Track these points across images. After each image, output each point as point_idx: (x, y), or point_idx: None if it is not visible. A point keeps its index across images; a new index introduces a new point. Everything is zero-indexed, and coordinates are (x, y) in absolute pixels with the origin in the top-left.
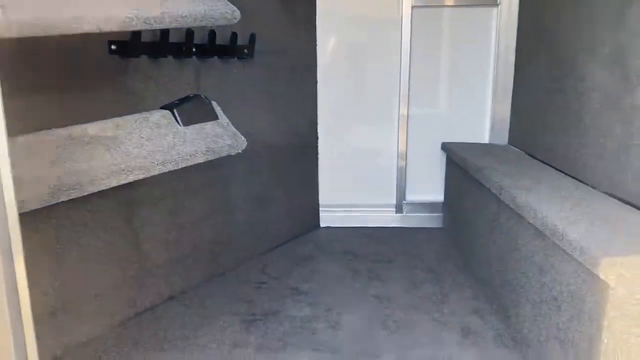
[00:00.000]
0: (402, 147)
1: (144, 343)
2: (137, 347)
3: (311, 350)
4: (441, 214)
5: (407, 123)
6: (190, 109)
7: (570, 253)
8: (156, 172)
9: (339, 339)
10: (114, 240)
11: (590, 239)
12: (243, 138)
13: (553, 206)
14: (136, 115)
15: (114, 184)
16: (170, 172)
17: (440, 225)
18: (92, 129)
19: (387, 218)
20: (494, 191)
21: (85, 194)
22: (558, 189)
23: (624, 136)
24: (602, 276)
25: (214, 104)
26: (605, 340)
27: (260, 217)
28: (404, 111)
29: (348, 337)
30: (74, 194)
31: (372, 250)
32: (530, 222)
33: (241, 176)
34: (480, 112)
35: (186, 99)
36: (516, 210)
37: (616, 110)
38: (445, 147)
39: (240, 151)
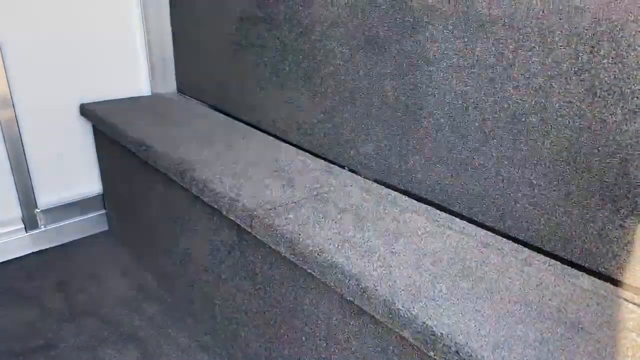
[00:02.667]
0: (5, 114)
1: None
2: None
3: None
4: (104, 211)
5: (5, 69)
6: None
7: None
8: None
9: None
10: None
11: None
12: None
13: (322, 229)
14: None
15: None
16: None
17: (106, 228)
18: None
19: (15, 244)
20: (206, 200)
21: None
22: (281, 169)
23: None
24: None
25: None
26: None
27: None
28: None
29: None
30: None
31: (7, 320)
32: (304, 268)
33: None
34: (129, 50)
35: None
36: (259, 238)
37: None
38: (85, 111)
39: None
